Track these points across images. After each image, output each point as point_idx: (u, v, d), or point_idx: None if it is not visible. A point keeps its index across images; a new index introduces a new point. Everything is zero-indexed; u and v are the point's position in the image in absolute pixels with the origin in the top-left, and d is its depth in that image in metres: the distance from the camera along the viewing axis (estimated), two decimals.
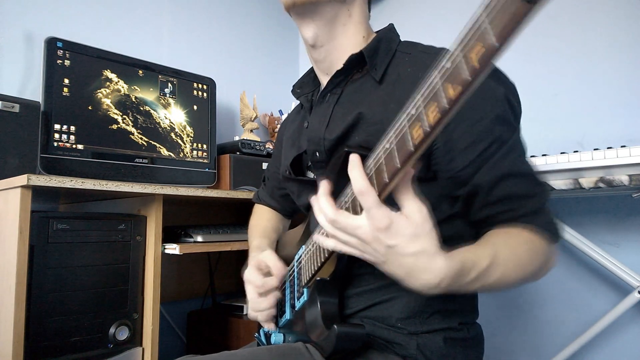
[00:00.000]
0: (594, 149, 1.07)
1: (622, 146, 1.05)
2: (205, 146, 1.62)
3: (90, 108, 1.33)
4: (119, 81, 1.41)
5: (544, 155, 1.15)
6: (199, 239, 1.29)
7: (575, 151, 1.12)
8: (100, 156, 1.34)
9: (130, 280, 1.14)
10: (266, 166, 1.46)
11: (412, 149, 0.43)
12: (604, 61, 1.44)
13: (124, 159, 1.39)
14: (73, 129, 1.29)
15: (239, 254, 0.79)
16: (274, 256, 0.81)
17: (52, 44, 1.27)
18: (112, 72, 1.40)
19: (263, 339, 0.86)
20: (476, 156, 0.60)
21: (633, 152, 1.00)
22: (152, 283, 1.16)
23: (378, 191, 0.49)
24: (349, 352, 0.65)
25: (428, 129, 0.40)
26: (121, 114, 1.40)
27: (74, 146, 1.29)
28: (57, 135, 1.26)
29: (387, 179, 0.47)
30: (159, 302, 1.17)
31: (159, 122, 1.50)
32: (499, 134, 0.60)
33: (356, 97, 0.72)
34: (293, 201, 0.92)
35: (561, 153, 1.12)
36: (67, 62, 1.30)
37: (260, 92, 2.11)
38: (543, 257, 0.60)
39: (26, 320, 0.95)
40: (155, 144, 1.48)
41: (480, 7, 0.34)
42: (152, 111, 1.49)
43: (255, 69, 2.19)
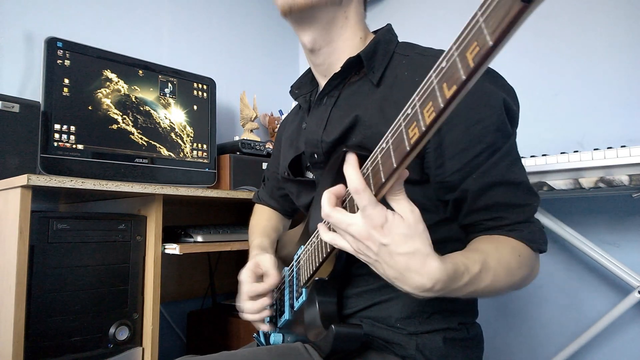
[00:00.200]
0: (594, 149, 1.07)
1: (622, 146, 1.05)
2: (205, 146, 1.62)
3: (90, 108, 1.34)
4: (119, 81, 1.41)
5: (544, 155, 1.15)
6: (199, 239, 1.30)
7: (575, 151, 1.11)
8: (100, 156, 1.34)
9: (130, 280, 1.14)
10: (266, 166, 1.46)
11: (408, 148, 0.43)
12: (604, 61, 1.44)
13: (124, 159, 1.39)
14: (73, 129, 1.29)
15: (239, 254, 0.79)
16: (271, 262, 0.80)
17: (52, 44, 1.27)
18: (112, 72, 1.40)
19: (262, 340, 0.86)
20: (466, 162, 0.60)
21: (633, 152, 1.00)
22: (152, 283, 1.16)
23: (374, 191, 0.49)
24: (348, 352, 0.64)
25: (424, 128, 0.40)
26: (121, 114, 1.41)
27: (74, 146, 1.29)
28: (57, 135, 1.26)
29: (383, 179, 0.47)
30: (159, 302, 1.17)
31: (159, 122, 1.50)
32: (492, 140, 0.60)
33: (353, 99, 0.72)
34: (293, 201, 0.92)
35: (561, 153, 1.12)
36: (67, 62, 1.30)
37: (260, 92, 2.11)
38: (530, 265, 0.60)
39: (26, 320, 0.95)
40: (155, 144, 1.48)
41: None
42: (152, 111, 1.49)
43: (255, 69, 2.19)
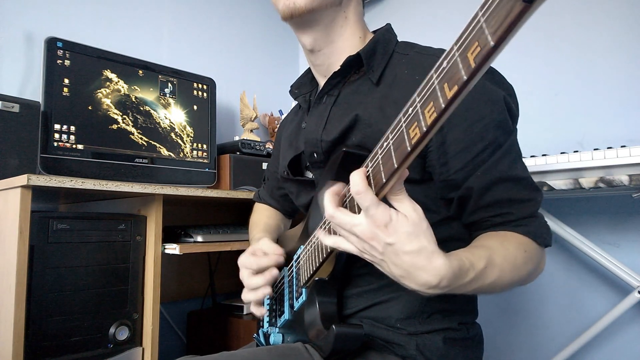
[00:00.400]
0: (594, 149, 1.07)
1: (622, 146, 1.05)
2: (205, 146, 1.62)
3: (90, 108, 1.34)
4: (119, 81, 1.41)
5: (544, 155, 1.15)
6: (199, 239, 1.29)
7: (575, 151, 1.11)
8: (100, 156, 1.34)
9: (130, 280, 1.14)
10: (266, 166, 1.46)
11: (409, 148, 0.42)
12: (604, 61, 1.44)
13: (124, 159, 1.39)
14: (73, 129, 1.29)
15: (239, 254, 0.79)
16: (270, 242, 0.80)
17: (52, 44, 1.27)
18: (112, 72, 1.40)
19: (262, 340, 0.86)
20: (469, 160, 0.60)
21: (633, 152, 1.00)
22: (152, 283, 1.16)
23: (375, 191, 0.49)
24: (348, 352, 0.64)
25: (425, 128, 0.40)
26: (121, 114, 1.40)
27: (74, 146, 1.29)
28: (57, 135, 1.26)
29: (384, 179, 0.47)
30: (159, 302, 1.17)
31: (159, 122, 1.50)
32: (494, 137, 0.60)
33: (353, 98, 0.72)
34: (293, 201, 0.91)
35: (561, 153, 1.12)
36: (67, 62, 1.30)
37: (260, 92, 2.11)
38: (536, 260, 0.60)
39: (26, 320, 0.95)
40: (155, 144, 1.48)
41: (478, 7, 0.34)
42: (152, 111, 1.49)
43: (255, 69, 2.19)
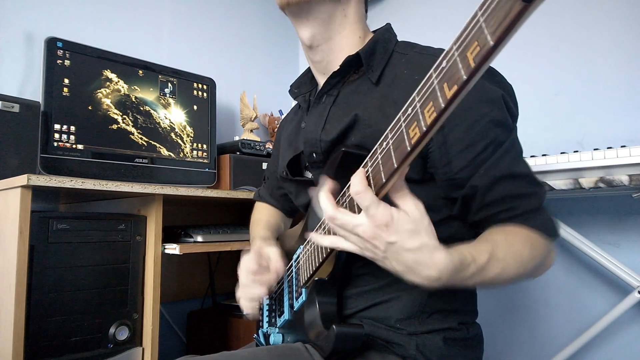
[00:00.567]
0: (594, 149, 1.07)
1: (622, 146, 1.05)
2: (205, 146, 1.62)
3: (90, 108, 1.33)
4: (119, 81, 1.41)
5: (544, 155, 1.15)
6: (199, 239, 1.29)
7: (575, 151, 1.11)
8: (100, 156, 1.34)
9: (130, 280, 1.14)
10: (266, 166, 1.46)
11: (408, 148, 0.43)
12: (604, 61, 1.44)
13: (124, 159, 1.39)
14: (73, 129, 1.29)
15: (239, 254, 0.79)
16: (278, 254, 0.79)
17: (52, 44, 1.27)
18: (112, 72, 1.40)
19: (262, 340, 0.86)
20: (472, 158, 0.61)
21: (633, 152, 1.00)
22: (152, 283, 1.16)
23: (375, 190, 0.49)
24: (348, 352, 0.65)
25: (424, 128, 0.40)
26: (121, 114, 1.40)
27: (74, 146, 1.29)
28: (57, 135, 1.26)
29: (384, 179, 0.47)
30: (159, 302, 1.17)
31: (159, 122, 1.50)
32: (496, 135, 0.61)
33: (353, 98, 0.72)
34: (292, 201, 0.92)
35: (561, 153, 1.12)
36: (67, 62, 1.30)
37: (260, 92, 2.11)
38: (543, 254, 0.60)
39: (26, 320, 0.95)
40: (155, 144, 1.48)
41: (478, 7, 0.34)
42: (152, 111, 1.49)
43: (255, 69, 2.19)
